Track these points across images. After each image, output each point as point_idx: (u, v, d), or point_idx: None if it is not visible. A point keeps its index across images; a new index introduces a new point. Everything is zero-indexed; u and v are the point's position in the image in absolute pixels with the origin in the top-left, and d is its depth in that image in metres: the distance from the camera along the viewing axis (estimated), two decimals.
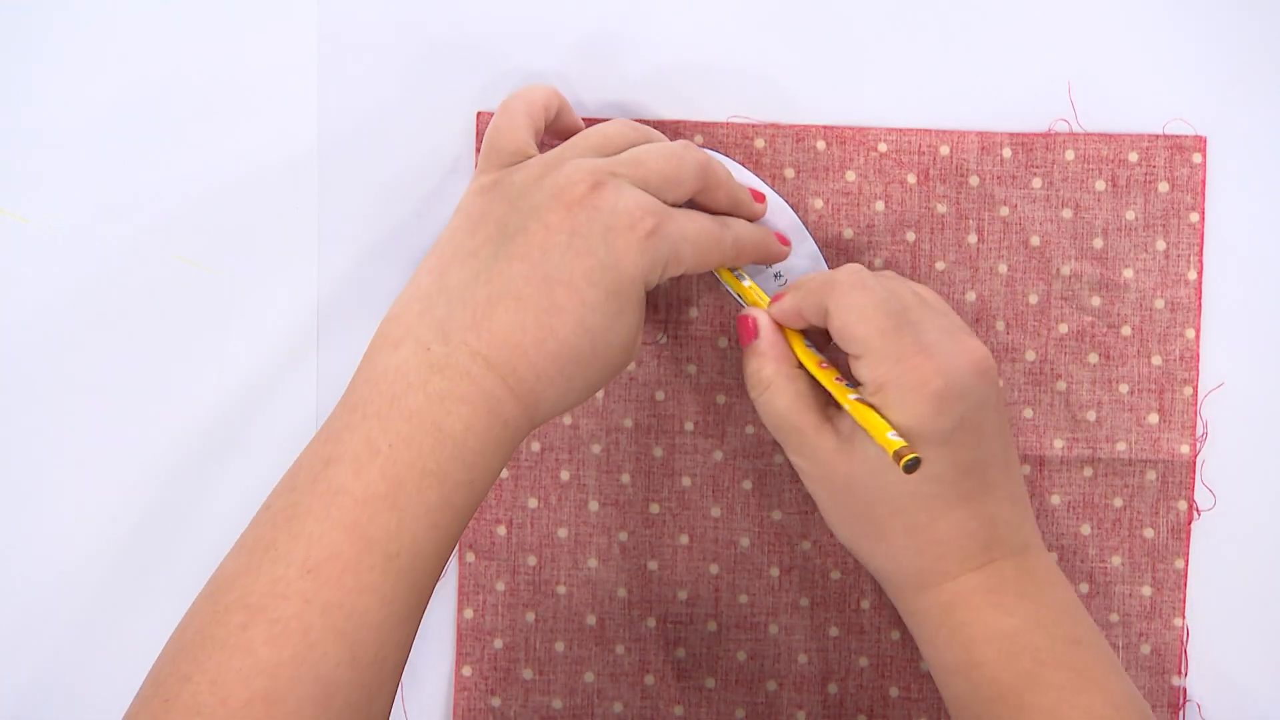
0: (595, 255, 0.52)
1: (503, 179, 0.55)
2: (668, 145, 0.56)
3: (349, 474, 0.49)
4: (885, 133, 0.63)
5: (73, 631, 0.64)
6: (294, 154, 0.64)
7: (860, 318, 0.54)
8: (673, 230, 0.54)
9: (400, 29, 0.63)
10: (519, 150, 0.56)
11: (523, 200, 0.53)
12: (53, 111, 0.63)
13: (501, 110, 0.58)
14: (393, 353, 0.51)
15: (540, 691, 0.64)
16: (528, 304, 0.51)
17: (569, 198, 0.52)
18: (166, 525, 0.64)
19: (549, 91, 0.59)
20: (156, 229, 0.63)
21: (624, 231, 0.52)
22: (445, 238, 0.54)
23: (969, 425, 0.54)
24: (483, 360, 0.51)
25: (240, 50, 0.63)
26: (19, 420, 0.63)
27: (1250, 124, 0.63)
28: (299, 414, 0.64)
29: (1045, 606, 0.54)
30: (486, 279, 0.52)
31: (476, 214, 0.54)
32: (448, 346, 0.51)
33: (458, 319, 0.51)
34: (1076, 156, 0.63)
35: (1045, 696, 0.52)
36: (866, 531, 0.56)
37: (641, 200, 0.53)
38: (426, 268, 0.54)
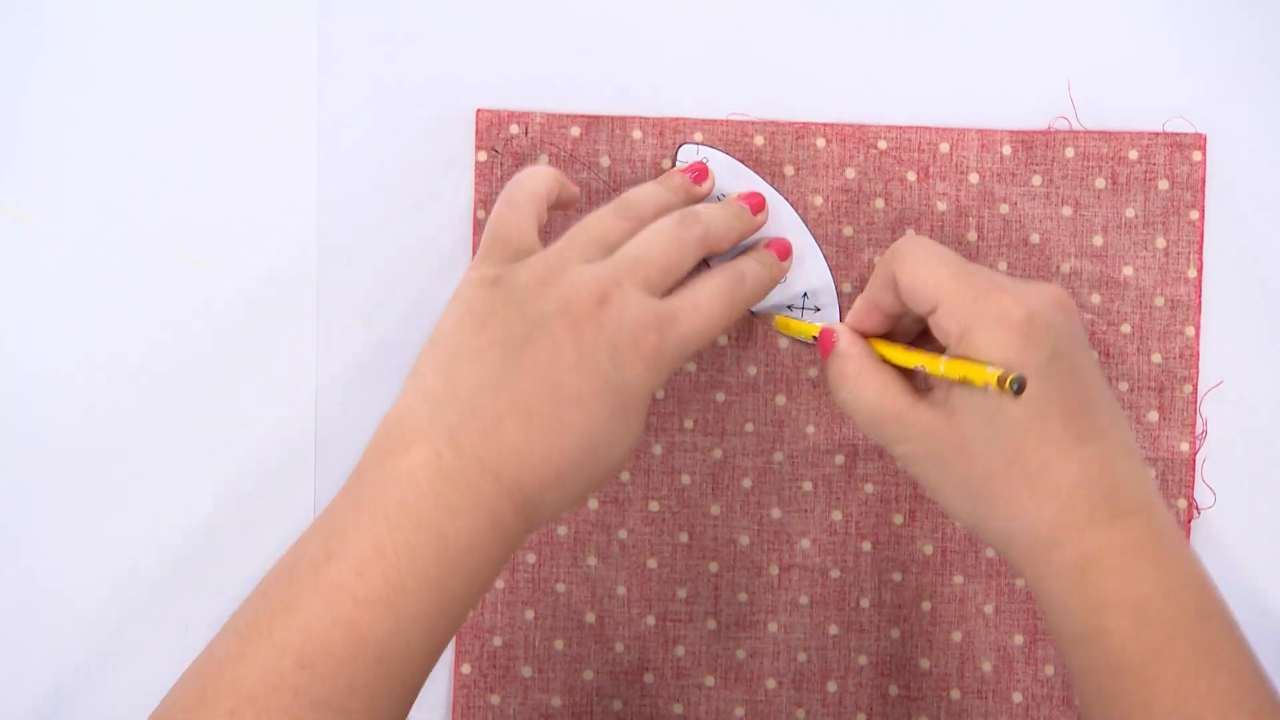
0: (602, 374, 0.52)
1: (506, 276, 0.54)
2: (666, 229, 0.56)
3: (351, 573, 0.49)
4: (885, 130, 0.63)
5: (65, 629, 0.64)
6: (294, 154, 0.64)
7: (929, 269, 0.54)
8: (680, 334, 0.54)
9: (400, 28, 0.63)
10: (523, 245, 0.56)
11: (529, 307, 0.53)
12: (53, 111, 0.63)
13: (505, 202, 0.57)
14: (404, 455, 0.52)
15: (539, 689, 0.64)
16: (536, 420, 0.52)
17: (576, 313, 0.53)
18: (162, 523, 0.64)
19: (550, 177, 0.59)
20: (156, 228, 0.63)
21: (629, 350, 0.53)
22: (449, 330, 0.54)
23: (1064, 359, 0.52)
24: (492, 476, 0.51)
25: (240, 50, 0.63)
26: (19, 420, 0.63)
27: (1250, 121, 0.63)
28: (297, 414, 0.64)
29: (1175, 574, 0.52)
30: (495, 389, 0.52)
31: (481, 311, 0.54)
32: (459, 458, 0.51)
33: (469, 428, 0.52)
34: (1076, 154, 0.63)
35: (1173, 671, 0.51)
36: (985, 493, 0.53)
37: (645, 314, 0.54)
38: (433, 365, 0.54)
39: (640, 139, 0.63)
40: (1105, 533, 0.52)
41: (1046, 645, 0.64)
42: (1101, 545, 0.52)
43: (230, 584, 0.63)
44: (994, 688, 0.64)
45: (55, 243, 0.63)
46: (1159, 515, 0.53)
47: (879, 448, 0.64)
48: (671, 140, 0.63)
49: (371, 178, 0.64)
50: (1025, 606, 0.64)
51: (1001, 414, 0.52)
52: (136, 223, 0.63)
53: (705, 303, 0.55)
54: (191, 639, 0.63)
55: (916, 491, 0.64)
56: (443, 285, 0.63)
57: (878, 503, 0.64)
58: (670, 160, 0.63)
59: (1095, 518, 0.52)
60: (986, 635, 0.64)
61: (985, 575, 0.64)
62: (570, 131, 0.63)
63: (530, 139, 0.63)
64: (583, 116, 0.63)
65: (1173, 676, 0.51)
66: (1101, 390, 0.54)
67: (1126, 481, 0.53)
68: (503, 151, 0.63)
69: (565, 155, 0.63)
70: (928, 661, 0.64)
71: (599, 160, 0.63)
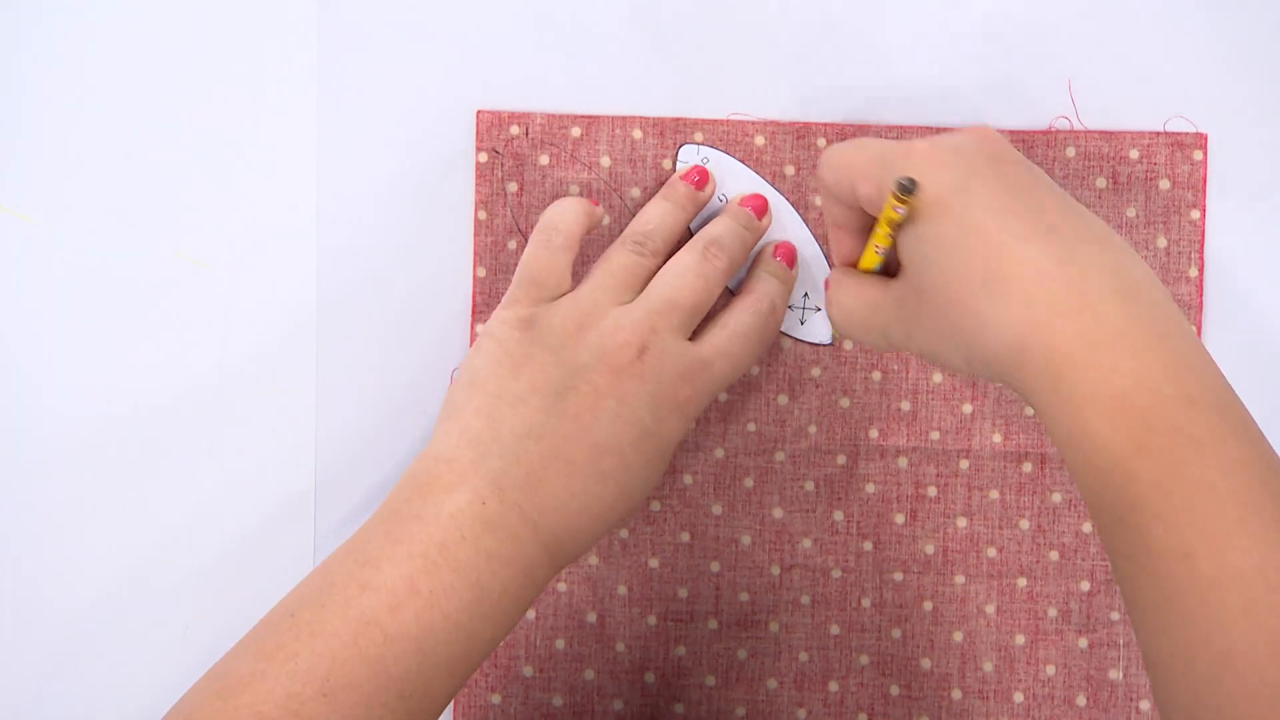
0: (641, 424, 0.55)
1: (540, 318, 0.56)
2: (692, 266, 0.58)
3: (384, 608, 0.50)
4: (886, 130, 0.63)
5: (66, 630, 0.64)
6: (294, 153, 0.64)
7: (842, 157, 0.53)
8: (713, 380, 0.57)
9: (400, 23, 0.63)
10: (558, 287, 0.58)
11: (566, 354, 0.55)
12: (54, 111, 0.63)
13: (539, 243, 0.58)
14: (447, 497, 0.53)
15: (540, 689, 0.64)
16: (577, 470, 0.54)
17: (616, 362, 0.55)
18: (163, 523, 0.64)
19: (581, 212, 0.59)
20: (156, 228, 0.64)
21: (667, 402, 0.55)
22: (485, 373, 0.55)
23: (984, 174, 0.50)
24: (531, 525, 0.53)
25: (241, 51, 0.64)
26: (18, 419, 0.64)
27: (1251, 121, 0.63)
28: (298, 414, 0.64)
29: (1155, 362, 0.47)
30: (539, 436, 0.54)
31: (518, 354, 0.55)
32: (502, 504, 0.53)
33: (512, 475, 0.53)
34: (1077, 154, 0.63)
35: (1151, 466, 0.46)
36: (961, 325, 0.49)
37: (682, 363, 0.56)
38: (473, 407, 0.55)
39: (641, 139, 0.63)
40: (1074, 324, 0.47)
41: (1047, 645, 0.64)
42: (1071, 340, 0.47)
43: (230, 584, 0.64)
44: (995, 688, 0.64)
45: (56, 243, 0.64)
46: (1142, 298, 0.48)
47: (879, 447, 0.64)
48: (672, 140, 0.63)
49: (372, 179, 0.64)
50: (1026, 607, 0.64)
51: (939, 239, 0.49)
52: (136, 223, 0.64)
53: (739, 347, 0.58)
54: (192, 639, 0.63)
55: (918, 492, 0.64)
56: (443, 285, 0.64)
57: (879, 503, 0.64)
58: (671, 161, 0.63)
59: (1060, 309, 0.47)
60: (988, 635, 0.64)
61: (987, 575, 0.64)
62: (571, 132, 0.63)
63: (531, 140, 0.63)
64: (583, 117, 0.63)
65: (1154, 475, 0.46)
66: (1049, 193, 0.50)
67: (1095, 269, 0.48)
68: (503, 152, 0.63)
69: (566, 155, 0.63)
70: (929, 661, 0.64)
71: (599, 160, 0.63)
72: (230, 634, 0.51)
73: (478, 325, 0.63)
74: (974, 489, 0.64)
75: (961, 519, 0.64)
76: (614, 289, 0.57)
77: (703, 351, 0.57)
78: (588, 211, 0.60)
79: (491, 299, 0.63)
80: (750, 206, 0.62)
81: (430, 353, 0.64)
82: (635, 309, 0.56)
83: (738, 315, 0.59)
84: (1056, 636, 0.64)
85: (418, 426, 0.64)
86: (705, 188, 0.62)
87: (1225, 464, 0.45)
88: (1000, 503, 0.64)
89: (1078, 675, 0.64)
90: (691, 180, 0.62)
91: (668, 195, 0.61)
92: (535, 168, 0.63)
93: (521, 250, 0.63)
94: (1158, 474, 0.46)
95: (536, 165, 0.63)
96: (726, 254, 0.59)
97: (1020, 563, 0.64)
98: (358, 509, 0.64)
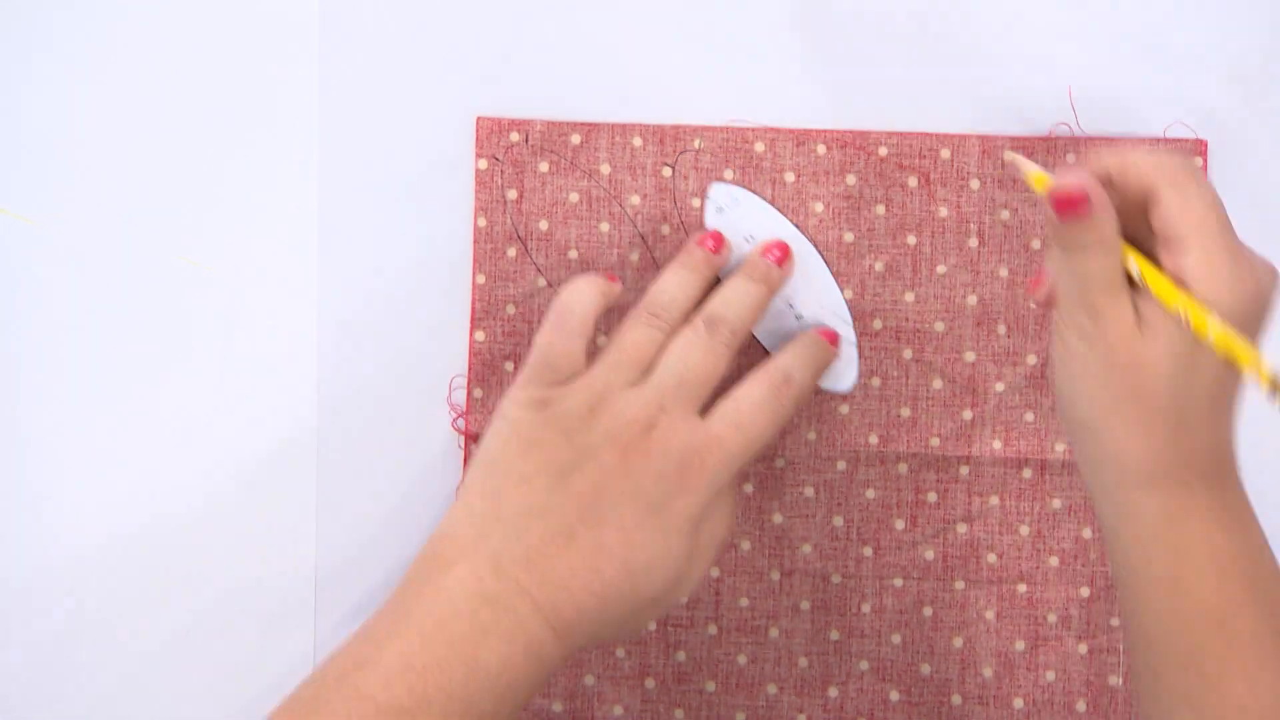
0: (646, 498, 0.55)
1: (554, 401, 0.56)
2: (699, 343, 0.58)
3: (378, 683, 0.51)
4: (886, 136, 0.63)
5: (64, 629, 0.64)
6: (294, 154, 0.64)
7: (1207, 207, 0.51)
8: (724, 456, 0.56)
9: (401, 30, 0.63)
10: (572, 370, 0.58)
11: (577, 437, 0.56)
12: (55, 114, 0.63)
13: (555, 327, 0.58)
14: (445, 572, 0.54)
15: (540, 695, 0.64)
16: (578, 545, 0.54)
17: (623, 441, 0.55)
18: (164, 524, 0.64)
19: (597, 295, 0.59)
20: (156, 229, 0.64)
21: (675, 478, 0.55)
22: (495, 453, 0.56)
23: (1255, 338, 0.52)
24: (530, 600, 0.53)
25: (242, 56, 0.64)
26: (19, 420, 0.64)
27: (1251, 127, 0.62)
28: (299, 415, 0.64)
29: (1255, 540, 0.53)
30: (540, 513, 0.54)
31: (527, 436, 0.56)
32: (499, 580, 0.53)
33: (511, 552, 0.54)
34: (1077, 160, 0.63)
35: (1251, 622, 0.51)
36: (1129, 415, 0.52)
37: (691, 438, 0.56)
38: (480, 487, 0.56)
39: (641, 146, 0.63)
40: (1204, 490, 0.52)
41: (1047, 651, 0.64)
42: (1201, 500, 0.52)
43: (231, 584, 0.64)
44: (995, 693, 0.64)
45: (57, 245, 0.64)
46: (1242, 487, 0.54)
47: (879, 453, 0.64)
48: (672, 147, 0.63)
49: (372, 185, 0.64)
50: (1026, 612, 0.64)
51: (1191, 361, 0.51)
52: (138, 225, 0.64)
53: (748, 419, 0.57)
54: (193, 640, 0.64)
55: (918, 498, 0.64)
56: (443, 291, 0.64)
57: (879, 508, 0.64)
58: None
59: (1206, 478, 0.52)
60: (987, 641, 0.64)
61: (986, 581, 0.64)
62: (570, 139, 0.63)
63: (530, 147, 0.63)
64: (583, 124, 0.63)
65: (1250, 627, 0.51)
66: None
67: (1230, 451, 0.53)
68: (503, 159, 0.63)
69: (566, 163, 0.63)
70: (929, 667, 0.64)
71: (599, 168, 0.63)
72: None
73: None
74: (974, 495, 0.64)
75: (961, 525, 0.64)
76: (627, 367, 0.58)
77: (712, 426, 0.57)
78: (604, 292, 0.59)
79: (491, 306, 0.63)
80: (768, 254, 0.61)
81: (430, 358, 0.64)
82: (645, 388, 0.57)
83: (748, 388, 0.58)
84: (1056, 642, 0.64)
85: (418, 430, 0.64)
86: (721, 251, 0.61)
87: None
88: (1000, 508, 0.64)
89: (1077, 681, 0.64)
90: (707, 245, 0.61)
91: (685, 263, 0.61)
92: (535, 175, 0.63)
93: (521, 258, 0.63)
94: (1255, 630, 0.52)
95: (536, 172, 0.63)
96: (729, 326, 0.58)
97: (1020, 568, 0.64)
98: (358, 510, 0.64)
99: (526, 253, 0.64)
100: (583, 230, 0.64)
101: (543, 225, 0.64)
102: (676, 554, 0.55)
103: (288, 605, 0.64)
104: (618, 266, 0.63)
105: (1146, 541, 0.53)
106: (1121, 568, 0.54)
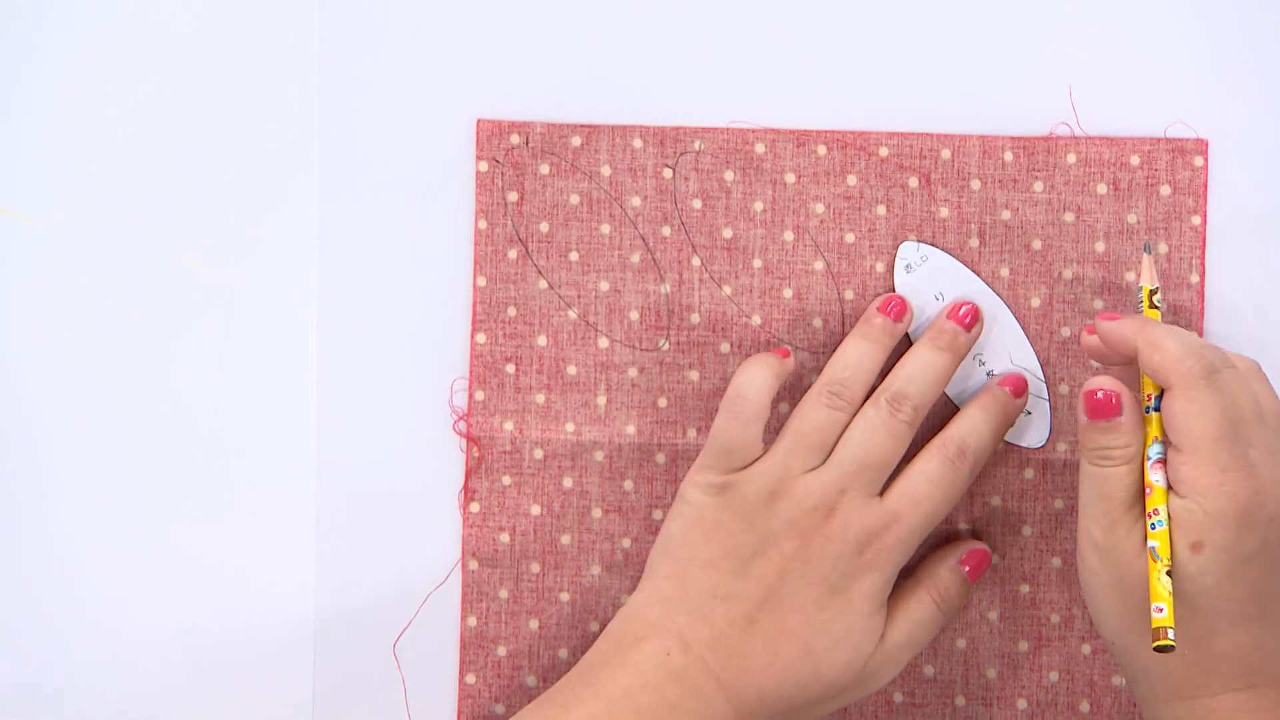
0: (827, 582, 0.57)
1: (734, 485, 0.58)
2: (880, 424, 0.58)
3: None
4: (886, 137, 0.63)
5: (62, 630, 0.64)
6: (294, 155, 0.64)
7: (1203, 423, 0.53)
8: (903, 532, 0.58)
9: (401, 32, 0.63)
10: (748, 453, 0.59)
11: (758, 522, 0.57)
12: (56, 114, 0.63)
13: (730, 415, 0.59)
14: (634, 647, 0.57)
15: None
16: (760, 629, 0.56)
17: (803, 526, 0.57)
18: (164, 524, 0.64)
19: (770, 378, 0.59)
20: (156, 229, 0.64)
21: (854, 559, 0.57)
22: (680, 537, 0.58)
23: (1270, 549, 0.53)
24: (715, 680, 0.56)
25: (243, 58, 0.64)
26: (19, 419, 0.64)
27: (1252, 126, 0.63)
28: (299, 415, 0.64)
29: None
30: (724, 597, 0.57)
31: (710, 520, 0.58)
32: (686, 658, 0.56)
33: (697, 631, 0.56)
34: (1078, 160, 0.63)
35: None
36: (1143, 628, 0.54)
37: (869, 520, 0.57)
38: (666, 570, 0.58)
39: (641, 148, 0.63)
40: (1234, 697, 0.54)
41: (1050, 652, 0.64)
42: (1227, 707, 0.54)
43: (230, 584, 0.64)
44: (999, 694, 0.64)
45: (57, 246, 0.64)
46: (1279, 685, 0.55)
47: None
48: (673, 148, 0.63)
49: (373, 187, 0.64)
50: (1029, 613, 0.64)
51: (1194, 581, 0.53)
52: (137, 226, 0.64)
53: (925, 493, 0.58)
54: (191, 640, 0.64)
55: None
56: (444, 294, 0.64)
57: None
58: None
59: (1231, 685, 0.54)
60: (991, 642, 0.64)
61: (989, 582, 0.64)
62: (571, 141, 0.63)
63: (531, 149, 0.63)
64: (583, 126, 0.63)
65: None
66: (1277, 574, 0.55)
67: (1272, 657, 0.54)
68: (504, 161, 0.63)
69: (566, 165, 0.63)
70: (932, 668, 0.64)
71: (600, 170, 0.63)
72: None
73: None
74: (976, 495, 0.64)
75: (964, 526, 0.64)
76: (806, 451, 0.58)
77: (889, 505, 0.58)
78: (777, 374, 0.60)
79: (492, 308, 0.63)
80: (954, 319, 0.61)
81: (430, 361, 0.64)
82: (826, 472, 0.58)
83: (924, 463, 0.59)
84: (1060, 643, 0.64)
85: (419, 433, 0.64)
86: (903, 319, 0.61)
87: None
88: (1003, 509, 0.64)
89: (1081, 681, 0.64)
90: (889, 313, 0.61)
91: (865, 334, 0.61)
92: (535, 177, 0.63)
93: (522, 260, 0.63)
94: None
95: (537, 174, 0.63)
96: (913, 403, 0.59)
97: (1023, 569, 0.64)
98: (358, 511, 0.64)
99: (527, 255, 0.64)
100: (583, 232, 0.64)
101: (543, 227, 0.64)
102: (859, 636, 0.57)
103: (287, 605, 0.63)
104: (618, 268, 0.63)
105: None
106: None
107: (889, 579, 0.58)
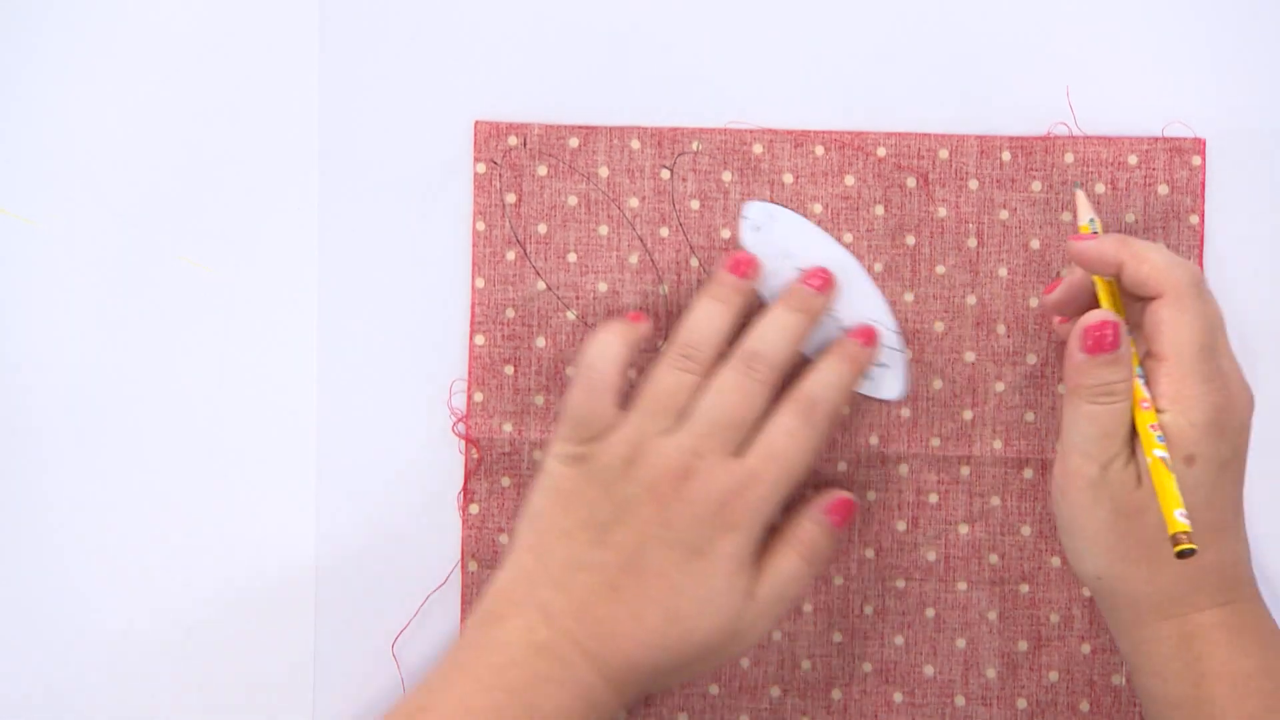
0: (688, 544, 0.56)
1: (589, 456, 0.58)
2: (733, 383, 0.58)
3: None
4: (884, 137, 0.63)
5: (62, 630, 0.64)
6: (294, 156, 0.64)
7: (1192, 331, 0.54)
8: (763, 489, 0.57)
9: (400, 33, 0.64)
10: (603, 422, 0.58)
11: (615, 489, 0.57)
12: (56, 114, 0.64)
13: (582, 387, 0.59)
14: (499, 625, 0.56)
15: None
16: (622, 595, 0.56)
17: (661, 490, 0.57)
18: (164, 523, 0.64)
19: (621, 347, 0.59)
20: (156, 229, 0.64)
21: (713, 519, 0.57)
22: (539, 509, 0.58)
23: (1240, 458, 0.55)
24: (581, 650, 0.55)
25: (243, 59, 0.64)
26: (19, 419, 0.64)
27: (1249, 126, 0.63)
28: (299, 415, 0.64)
29: (1272, 657, 0.55)
30: (584, 566, 0.57)
31: (568, 492, 0.58)
32: (551, 631, 0.56)
33: (559, 604, 0.56)
34: (1076, 159, 0.63)
35: None
36: (1135, 556, 0.55)
37: (728, 480, 0.57)
38: (526, 543, 0.58)
39: (639, 149, 0.63)
40: (1219, 612, 0.55)
41: (1050, 651, 0.63)
42: (1212, 623, 0.55)
43: (230, 584, 0.64)
44: (998, 694, 0.64)
45: (57, 246, 0.64)
46: (1259, 602, 0.57)
47: (880, 454, 0.63)
48: (670, 149, 0.63)
49: (371, 189, 0.64)
50: (1028, 613, 0.64)
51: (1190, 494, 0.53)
52: (138, 225, 0.64)
53: (781, 447, 0.58)
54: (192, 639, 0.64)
55: (919, 499, 0.64)
56: (442, 295, 0.64)
57: (880, 509, 0.64)
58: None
59: (1215, 599, 0.55)
60: (990, 642, 0.64)
61: (989, 582, 0.64)
62: (569, 142, 0.63)
63: (529, 150, 0.63)
64: (581, 127, 0.63)
65: None
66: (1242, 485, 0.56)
67: (1244, 569, 0.56)
68: (501, 163, 0.63)
69: (564, 166, 0.63)
70: (932, 668, 0.64)
71: (597, 171, 0.63)
72: None
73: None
74: (975, 495, 0.64)
75: (963, 525, 0.64)
76: (659, 415, 0.58)
77: (747, 463, 0.57)
78: (628, 342, 0.59)
79: (491, 309, 0.63)
80: (813, 283, 0.61)
81: (429, 362, 0.64)
82: (681, 435, 0.57)
83: (778, 419, 0.58)
84: (1059, 642, 0.64)
85: (418, 434, 0.64)
86: (751, 275, 0.61)
87: None
88: (1002, 509, 0.64)
89: (1081, 681, 0.63)
90: (737, 270, 0.61)
91: (715, 294, 0.60)
92: (533, 178, 0.63)
93: (520, 261, 0.63)
94: None
95: (535, 176, 0.63)
96: (768, 362, 0.59)
97: (1022, 569, 0.64)
98: (358, 511, 0.64)
99: (525, 256, 0.64)
100: (581, 233, 0.64)
101: (541, 228, 0.64)
102: (724, 597, 0.57)
103: (287, 606, 0.63)
104: (616, 269, 0.64)
105: (1164, 666, 0.55)
106: (1144, 697, 0.56)
107: (754, 537, 0.57)
